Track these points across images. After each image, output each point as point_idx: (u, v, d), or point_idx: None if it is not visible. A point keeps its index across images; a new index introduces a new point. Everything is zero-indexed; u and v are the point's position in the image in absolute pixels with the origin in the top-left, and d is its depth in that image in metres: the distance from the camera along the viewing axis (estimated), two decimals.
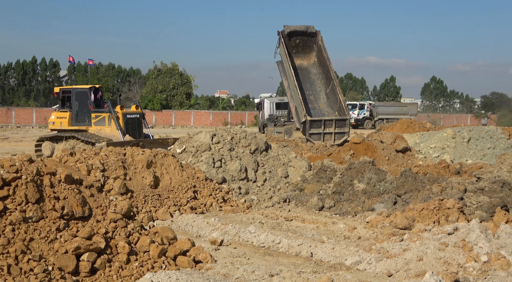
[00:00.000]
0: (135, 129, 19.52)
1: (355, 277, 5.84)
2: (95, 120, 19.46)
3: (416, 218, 8.71)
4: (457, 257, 6.23)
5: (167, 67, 61.49)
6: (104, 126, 19.27)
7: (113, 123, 18.88)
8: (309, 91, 22.96)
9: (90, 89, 19.95)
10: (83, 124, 19.55)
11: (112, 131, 18.87)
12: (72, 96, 19.90)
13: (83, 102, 19.77)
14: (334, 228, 9.08)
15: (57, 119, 20.13)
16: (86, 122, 19.63)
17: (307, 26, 23.13)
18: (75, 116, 19.70)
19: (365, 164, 12.27)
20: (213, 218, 9.36)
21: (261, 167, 12.86)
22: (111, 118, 18.92)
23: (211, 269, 6.29)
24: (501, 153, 14.25)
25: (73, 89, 20.22)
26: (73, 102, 19.87)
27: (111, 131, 18.95)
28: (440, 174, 12.57)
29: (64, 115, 19.90)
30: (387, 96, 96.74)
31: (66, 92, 20.29)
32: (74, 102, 19.86)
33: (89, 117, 19.62)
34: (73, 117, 19.71)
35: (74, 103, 19.86)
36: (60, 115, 20.10)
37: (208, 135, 13.23)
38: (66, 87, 21.00)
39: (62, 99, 20.37)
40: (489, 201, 8.94)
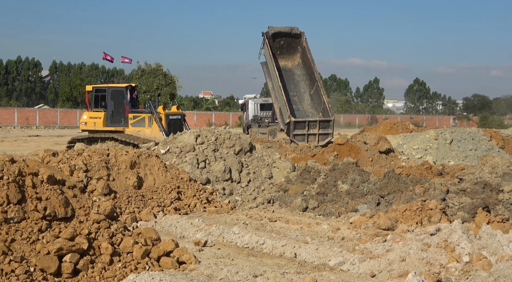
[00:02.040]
0: (176, 131, 18.36)
1: (339, 278, 5.86)
2: (132, 121, 18.66)
3: (399, 219, 8.77)
4: (440, 258, 6.28)
5: (151, 68, 61.19)
6: (143, 128, 18.44)
7: (155, 125, 18.13)
8: (293, 92, 22.98)
9: (127, 88, 19.18)
10: (119, 125, 18.73)
11: (154, 133, 18.15)
12: (107, 96, 19.07)
13: (119, 102, 18.96)
14: (318, 228, 9.10)
15: (90, 119, 19.15)
16: (122, 123, 18.83)
17: (292, 27, 23.16)
18: (110, 117, 18.85)
19: (348, 165, 12.32)
20: (197, 218, 9.34)
21: (245, 167, 12.86)
22: (153, 119, 18.15)
23: (195, 270, 6.28)
24: (483, 155, 14.39)
25: (108, 88, 19.40)
26: (108, 102, 19.01)
27: (151, 132, 18.22)
28: (423, 175, 12.66)
29: (98, 115, 19.02)
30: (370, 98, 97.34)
31: (100, 91, 19.45)
32: (109, 102, 19.00)
33: (125, 117, 18.81)
34: (108, 118, 18.85)
35: (110, 103, 19.01)
36: (93, 115, 19.17)
37: (192, 136, 13.20)
38: (100, 86, 20.05)
39: (95, 99, 19.45)
40: (471, 202, 9.03)
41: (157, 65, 61.54)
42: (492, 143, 18.65)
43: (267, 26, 23.12)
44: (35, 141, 31.16)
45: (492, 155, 11.61)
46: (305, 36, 23.15)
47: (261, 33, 22.92)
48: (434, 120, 72.36)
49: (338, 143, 16.90)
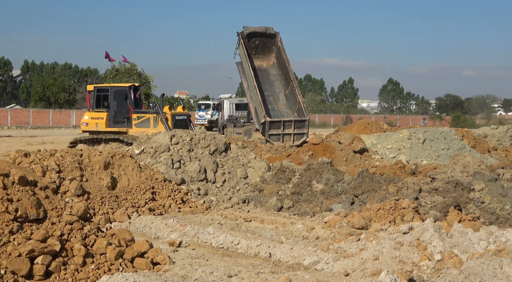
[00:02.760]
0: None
1: (313, 277, 5.89)
2: (136, 121, 18.13)
3: (373, 218, 8.85)
4: (412, 256, 6.36)
5: (125, 67, 60.66)
6: (148, 128, 17.82)
7: (161, 125, 17.64)
8: (268, 92, 23.03)
9: (130, 87, 18.67)
10: (122, 126, 18.18)
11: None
12: (110, 95, 18.54)
13: (122, 102, 18.41)
14: (292, 228, 9.14)
15: (92, 120, 18.54)
16: (125, 123, 18.31)
17: (267, 27, 23.21)
18: (113, 117, 18.32)
19: (323, 164, 12.39)
20: (171, 219, 9.30)
21: (220, 167, 12.85)
22: (158, 119, 17.66)
23: (169, 270, 6.25)
24: (455, 154, 14.59)
25: (111, 88, 18.89)
26: (110, 102, 18.46)
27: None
28: (396, 174, 12.80)
29: (100, 115, 18.45)
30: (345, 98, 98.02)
31: (102, 90, 18.93)
32: (112, 102, 18.44)
33: (129, 118, 18.29)
34: (111, 118, 18.30)
35: (112, 103, 18.45)
36: (95, 115, 18.59)
37: (167, 136, 13.13)
38: (102, 86, 19.43)
39: (97, 99, 18.89)
40: (443, 201, 9.16)
41: (132, 65, 61.05)
42: (464, 142, 18.94)
43: (242, 26, 23.14)
44: (6, 141, 30.62)
45: (464, 154, 11.78)
46: (280, 36, 23.22)
47: (236, 33, 22.92)
48: (407, 120, 73.19)
49: (313, 143, 16.98)
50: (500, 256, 5.89)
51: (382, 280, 5.24)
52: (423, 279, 5.77)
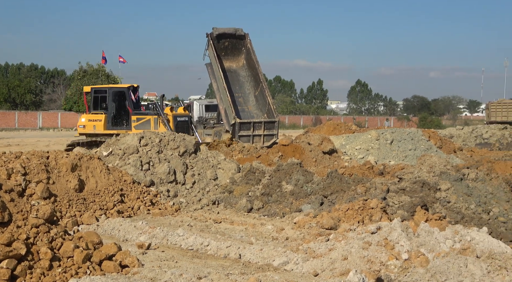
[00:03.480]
0: (184, 133, 18.15)
1: (282, 278, 5.91)
2: (136, 123, 17.66)
3: (342, 218, 8.93)
4: (380, 256, 6.44)
5: (93, 69, 59.93)
6: (148, 130, 16.90)
7: (162, 127, 17.23)
8: (238, 93, 23.03)
9: (129, 88, 18.18)
10: (121, 128, 17.59)
11: None
12: (108, 97, 18.07)
13: (120, 104, 17.97)
14: (262, 229, 9.16)
15: (89, 122, 17.98)
16: (124, 125, 17.82)
17: (236, 28, 23.21)
18: (112, 119, 17.82)
19: (293, 165, 12.45)
20: (140, 221, 9.22)
21: (190, 169, 12.79)
22: (159, 121, 17.23)
23: (138, 273, 6.20)
24: (422, 154, 14.82)
25: (109, 89, 18.41)
26: (109, 103, 17.98)
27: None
28: (365, 175, 12.94)
29: (98, 117, 17.89)
30: (314, 99, 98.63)
31: (100, 92, 18.36)
32: (110, 103, 17.96)
33: (128, 119, 17.83)
34: (109, 120, 17.78)
35: (111, 105, 17.96)
36: (92, 117, 18.03)
37: (136, 138, 13.02)
38: (99, 87, 18.82)
39: (95, 100, 18.37)
40: (410, 201, 9.29)
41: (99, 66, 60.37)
42: (430, 143, 19.26)
43: (212, 27, 23.09)
44: None
45: (430, 155, 11.96)
46: (249, 37, 23.25)
47: (206, 34, 22.86)
48: (376, 121, 74.05)
49: (283, 144, 17.05)
50: (465, 255, 6.00)
51: (350, 280, 5.30)
52: (391, 278, 5.84)
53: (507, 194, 9.76)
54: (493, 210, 9.04)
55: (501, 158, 18.63)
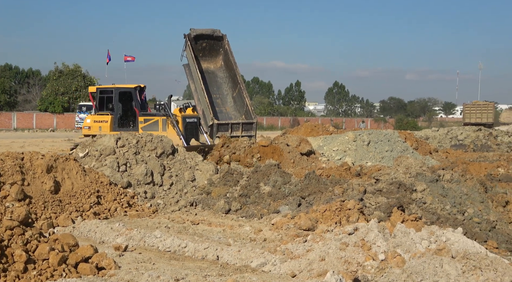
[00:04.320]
0: (193, 135, 17.43)
1: (260, 279, 5.92)
2: (143, 124, 17.20)
3: (319, 219, 8.96)
4: (357, 256, 6.48)
5: (69, 69, 59.27)
6: (157, 132, 16.73)
7: (171, 128, 16.85)
8: (216, 94, 23.00)
9: (136, 89, 17.71)
10: (128, 129, 17.07)
11: (169, 137, 17.04)
12: (114, 97, 17.61)
13: (127, 104, 17.55)
14: (240, 230, 9.15)
15: (95, 123, 17.51)
16: (131, 127, 17.38)
17: (214, 29, 23.19)
18: (118, 120, 17.36)
19: (270, 166, 12.47)
20: (117, 223, 9.14)
21: (167, 170, 12.73)
22: (168, 122, 16.80)
23: (114, 275, 6.15)
24: (398, 156, 14.98)
25: (115, 89, 17.85)
26: (115, 104, 17.54)
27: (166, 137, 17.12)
28: (342, 176, 13.02)
29: (104, 118, 17.44)
30: (292, 101, 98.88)
31: (105, 92, 17.89)
32: (116, 104, 17.52)
33: (135, 121, 17.39)
34: (116, 121, 17.34)
35: (117, 105, 17.53)
36: (98, 118, 17.59)
37: (113, 139, 12.91)
38: (105, 87, 18.26)
39: (100, 101, 17.89)
40: (386, 202, 9.37)
41: (76, 66, 59.76)
42: (406, 144, 19.45)
43: (189, 28, 23.04)
44: None
45: (406, 156, 12.10)
46: (227, 38, 23.25)
47: (183, 35, 22.79)
48: (353, 122, 74.54)
49: (262, 145, 17.02)
50: (440, 255, 6.07)
51: (328, 281, 5.32)
52: (368, 279, 5.89)
53: (481, 194, 9.92)
54: (467, 210, 9.18)
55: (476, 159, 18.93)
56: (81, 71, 59.69)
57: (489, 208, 9.55)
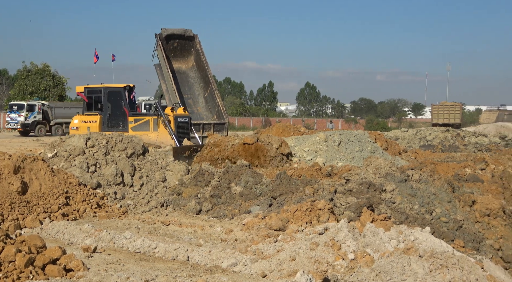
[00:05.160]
0: (184, 135, 17.05)
1: (231, 279, 5.92)
2: (133, 124, 16.90)
3: (290, 219, 9.00)
4: (327, 256, 6.53)
5: (37, 68, 58.33)
6: (147, 132, 16.66)
7: (162, 128, 16.50)
8: (187, 95, 22.94)
9: (125, 88, 17.36)
10: (117, 129, 16.77)
11: (161, 137, 16.44)
12: (103, 97, 17.23)
13: (116, 104, 17.18)
14: (211, 231, 9.14)
15: (83, 123, 17.10)
16: (120, 127, 17.03)
17: (185, 29, 23.12)
18: (107, 120, 17.00)
19: (242, 167, 12.47)
20: (86, 224, 9.04)
21: (138, 171, 12.63)
22: (159, 122, 16.45)
23: (83, 277, 6.07)
24: (368, 156, 15.12)
25: (104, 89, 17.45)
26: (104, 104, 17.17)
27: (158, 137, 16.51)
28: (313, 176, 13.08)
29: (92, 119, 17.06)
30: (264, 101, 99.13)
31: (94, 92, 17.49)
32: (105, 104, 17.15)
33: (125, 121, 17.04)
34: (105, 122, 16.97)
35: (106, 105, 17.16)
36: (86, 119, 17.19)
37: (82, 139, 12.75)
38: (93, 87, 17.82)
39: (88, 101, 17.52)
40: (356, 202, 9.45)
41: (44, 65, 58.85)
42: (376, 145, 19.64)
43: (160, 27, 22.92)
44: None
45: (376, 156, 12.22)
46: (198, 38, 23.21)
47: (155, 34, 22.67)
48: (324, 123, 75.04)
49: (247, 142, 16.63)
50: (408, 254, 6.16)
51: (298, 280, 5.35)
52: (337, 278, 5.94)
53: (449, 194, 10.09)
54: (435, 210, 9.32)
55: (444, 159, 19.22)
56: (50, 70, 58.81)
57: (456, 208, 9.71)
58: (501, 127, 44.38)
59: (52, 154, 12.54)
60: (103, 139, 12.86)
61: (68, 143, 12.85)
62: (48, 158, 12.37)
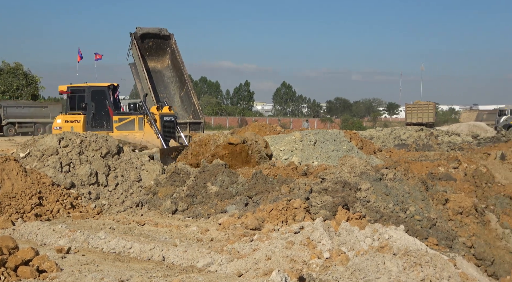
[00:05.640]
0: (170, 134, 16.81)
1: (206, 279, 5.91)
2: (118, 124, 16.58)
3: (266, 219, 9.02)
4: (302, 255, 6.55)
5: (9, 67, 57.39)
6: (133, 131, 16.38)
7: (148, 127, 16.23)
8: (163, 94, 22.83)
9: (109, 87, 17.01)
10: (101, 129, 16.50)
11: (146, 137, 16.14)
12: (87, 96, 16.85)
13: (100, 103, 16.85)
14: (187, 231, 9.10)
15: (66, 123, 16.73)
16: (105, 126, 16.70)
17: (160, 28, 23.01)
18: (91, 120, 16.68)
19: (218, 166, 12.45)
20: (60, 225, 8.92)
21: (112, 170, 12.52)
22: (145, 121, 16.16)
23: (56, 278, 6.00)
24: (343, 155, 15.22)
25: (88, 88, 17.07)
26: (88, 103, 16.82)
27: (143, 136, 16.23)
28: (289, 176, 13.12)
29: (76, 118, 16.69)
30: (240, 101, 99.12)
31: (77, 91, 17.10)
32: (89, 103, 16.82)
33: (109, 120, 16.72)
34: (88, 121, 16.66)
35: (90, 105, 16.83)
36: (70, 118, 16.80)
37: (55, 139, 12.59)
38: (77, 86, 17.38)
39: (71, 100, 17.14)
40: (332, 201, 9.50)
41: (17, 64, 57.94)
42: (351, 144, 19.79)
43: (135, 26, 22.77)
44: None
45: (351, 155, 12.29)
46: (174, 37, 23.11)
47: (129, 33, 22.51)
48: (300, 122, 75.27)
49: (231, 142, 16.42)
50: (382, 252, 6.22)
51: (273, 279, 5.36)
52: (312, 277, 5.96)
53: (423, 193, 10.21)
54: (409, 208, 9.42)
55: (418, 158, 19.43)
56: (22, 69, 57.92)
57: (430, 206, 9.83)
58: (474, 126, 45.08)
59: (24, 154, 12.36)
60: (77, 139, 12.72)
61: (41, 142, 12.67)
62: (20, 157, 12.19)
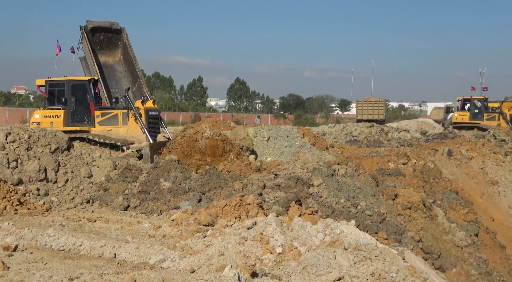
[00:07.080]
0: (155, 129, 16.27)
1: (158, 276, 5.85)
2: (100, 119, 15.95)
3: (219, 214, 9.01)
4: (255, 250, 6.58)
5: None
6: (116, 126, 15.77)
7: (132, 122, 15.67)
8: (115, 89, 22.40)
9: (90, 81, 16.36)
10: (82, 124, 15.90)
11: (131, 132, 15.55)
12: (67, 90, 16.12)
13: (81, 98, 16.14)
14: (139, 227, 9.00)
15: (45, 119, 15.94)
16: (86, 122, 16.03)
17: (112, 22, 22.57)
18: (72, 115, 15.95)
19: (171, 162, 12.36)
20: (7, 222, 8.68)
21: (62, 166, 12.27)
22: (129, 116, 15.60)
23: (2, 276, 5.83)
24: (296, 151, 15.35)
25: (68, 82, 16.34)
26: (68, 98, 16.09)
27: (128, 131, 15.60)
28: (243, 172, 13.15)
29: (56, 113, 15.93)
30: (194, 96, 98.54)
31: (56, 85, 16.34)
32: (69, 98, 16.10)
33: (90, 115, 16.05)
34: (69, 116, 15.91)
35: (70, 99, 16.10)
36: (49, 113, 16.02)
37: (2, 134, 12.23)
38: (56, 80, 16.57)
39: (50, 94, 16.35)
40: (285, 196, 9.58)
41: None
42: (304, 140, 19.99)
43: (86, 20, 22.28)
44: None
45: (304, 151, 12.42)
46: (126, 32, 22.72)
47: (79, 27, 22.00)
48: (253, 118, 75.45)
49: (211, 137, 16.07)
50: (334, 247, 6.32)
51: (226, 275, 5.36)
52: (265, 272, 6.00)
53: (373, 188, 10.42)
54: (360, 204, 9.60)
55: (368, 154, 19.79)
56: None
57: (380, 201, 10.04)
58: (422, 123, 46.23)
59: None
60: (25, 134, 12.39)
61: None
62: None
